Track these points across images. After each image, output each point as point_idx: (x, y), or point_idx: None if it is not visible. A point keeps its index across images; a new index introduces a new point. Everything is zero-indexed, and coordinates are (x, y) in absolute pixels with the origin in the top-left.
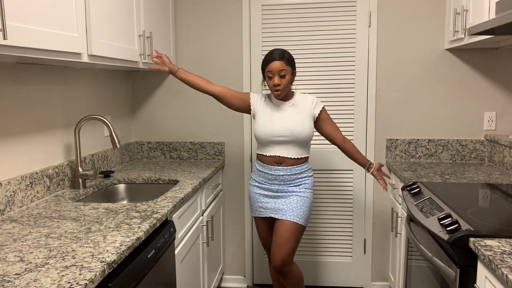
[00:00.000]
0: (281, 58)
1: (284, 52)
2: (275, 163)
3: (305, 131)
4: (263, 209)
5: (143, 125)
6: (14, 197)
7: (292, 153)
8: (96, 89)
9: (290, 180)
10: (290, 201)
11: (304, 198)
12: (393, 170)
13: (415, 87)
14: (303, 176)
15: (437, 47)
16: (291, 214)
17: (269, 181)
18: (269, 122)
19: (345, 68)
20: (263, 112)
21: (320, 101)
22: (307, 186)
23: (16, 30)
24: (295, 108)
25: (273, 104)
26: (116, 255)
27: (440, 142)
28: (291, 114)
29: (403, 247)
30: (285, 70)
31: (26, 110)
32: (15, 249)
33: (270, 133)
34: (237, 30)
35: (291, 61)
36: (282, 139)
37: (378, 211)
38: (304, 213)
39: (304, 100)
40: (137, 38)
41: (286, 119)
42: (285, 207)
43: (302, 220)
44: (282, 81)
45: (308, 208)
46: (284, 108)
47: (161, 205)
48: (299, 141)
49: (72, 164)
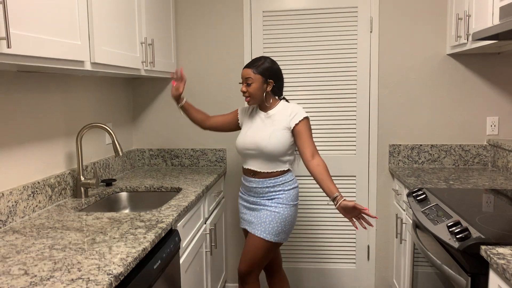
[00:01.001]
0: (250, 66)
1: (259, 60)
2: (250, 175)
3: (271, 144)
4: (242, 220)
5: (144, 132)
6: (16, 208)
7: (262, 167)
8: (97, 96)
9: (262, 192)
10: (260, 215)
11: (274, 214)
12: (396, 176)
13: (417, 92)
14: (277, 190)
15: (439, 52)
16: (259, 229)
17: (247, 192)
18: (244, 135)
19: (346, 74)
20: (245, 124)
21: (302, 111)
22: (281, 201)
23: (19, 38)
24: (270, 119)
25: (254, 115)
26: (122, 267)
27: (443, 147)
28: (263, 126)
29: (409, 254)
30: (251, 78)
31: (27, 118)
32: (19, 262)
33: (242, 146)
34: (238, 36)
35: (264, 70)
36: (250, 152)
37: (382, 217)
38: (274, 229)
39: (284, 111)
40: (139, 45)
41: (258, 131)
42: (255, 221)
43: (270, 236)
44: (248, 88)
45: (279, 224)
46: (260, 119)
47: (166, 214)
48: (266, 155)
49: (73, 173)
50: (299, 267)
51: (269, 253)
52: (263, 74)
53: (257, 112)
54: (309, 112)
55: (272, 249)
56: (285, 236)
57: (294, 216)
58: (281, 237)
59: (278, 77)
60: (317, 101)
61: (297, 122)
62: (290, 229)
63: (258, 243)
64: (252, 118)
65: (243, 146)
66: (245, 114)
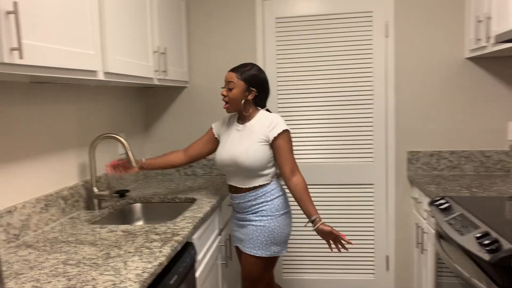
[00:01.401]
0: (235, 70)
1: (246, 66)
2: (232, 191)
3: (249, 159)
4: (234, 238)
5: (157, 142)
6: (29, 221)
7: (242, 183)
8: (109, 106)
9: (246, 207)
10: (248, 232)
11: (260, 228)
12: (416, 183)
13: (436, 97)
14: (259, 202)
15: (457, 56)
16: (248, 246)
17: (235, 209)
18: (221, 150)
19: (362, 80)
20: (222, 138)
21: (282, 123)
22: (264, 213)
23: (32, 49)
24: (247, 131)
25: (231, 127)
26: (139, 283)
27: (463, 153)
28: (240, 140)
29: (431, 264)
30: (233, 82)
31: (40, 129)
32: (32, 278)
33: (220, 162)
34: (251, 44)
35: (249, 77)
36: (230, 168)
37: (401, 227)
38: (262, 243)
39: (263, 121)
40: (151, 54)
41: (234, 146)
42: (244, 238)
43: (260, 251)
44: (228, 93)
45: (267, 236)
46: (238, 131)
47: (181, 226)
48: (245, 171)
49: (87, 185)
50: (314, 278)
51: (265, 268)
52: (246, 80)
53: (233, 123)
54: (324, 120)
55: (267, 263)
56: (278, 248)
57: (285, 225)
58: (273, 250)
59: (262, 87)
60: (332, 108)
61: (276, 135)
62: (284, 239)
63: (251, 260)
64: (229, 131)
65: (221, 162)
66: (222, 127)
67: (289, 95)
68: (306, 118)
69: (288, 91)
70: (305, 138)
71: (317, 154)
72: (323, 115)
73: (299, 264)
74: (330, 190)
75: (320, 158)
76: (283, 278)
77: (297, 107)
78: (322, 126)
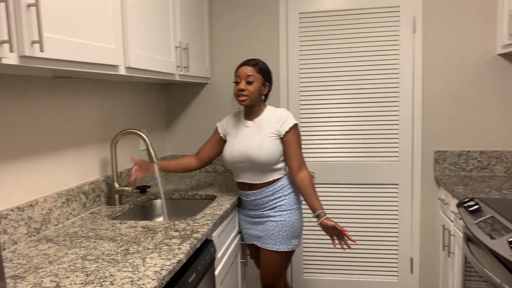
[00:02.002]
0: (249, 64)
1: (259, 61)
2: (245, 188)
3: (262, 155)
4: (247, 236)
5: (178, 138)
6: (50, 215)
7: (256, 179)
8: (131, 102)
9: (263, 203)
10: (267, 228)
11: (281, 223)
12: (442, 184)
13: (465, 95)
14: (277, 196)
15: (488, 52)
16: (269, 242)
17: (248, 207)
18: (231, 147)
19: (388, 77)
20: (230, 136)
21: (292, 118)
22: (284, 208)
23: (52, 42)
24: (259, 127)
25: (239, 124)
26: (157, 281)
27: (493, 154)
28: (251, 135)
29: (458, 268)
30: (253, 76)
31: (62, 124)
32: (51, 273)
33: (231, 159)
34: (273, 40)
35: (264, 71)
36: (242, 165)
37: (426, 228)
38: (284, 238)
39: (272, 116)
40: (173, 50)
41: (246, 142)
42: (263, 234)
43: (282, 246)
44: (249, 87)
45: (288, 231)
46: (247, 128)
47: (201, 223)
48: (259, 166)
49: (108, 180)
50: (335, 279)
51: (287, 262)
52: (263, 75)
53: (241, 121)
54: (348, 118)
55: (288, 257)
56: (297, 241)
57: (301, 219)
58: (293, 244)
59: (271, 81)
60: (356, 106)
61: (287, 129)
62: (300, 232)
63: (273, 256)
64: (237, 128)
65: (232, 158)
66: (227, 125)
67: (312, 92)
68: (330, 116)
69: (311, 88)
70: (328, 137)
71: (340, 153)
72: (347, 112)
73: (321, 264)
74: (354, 189)
75: (344, 157)
76: (304, 278)
77: (321, 104)
78: (346, 124)
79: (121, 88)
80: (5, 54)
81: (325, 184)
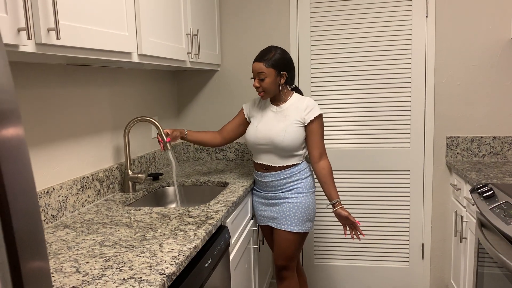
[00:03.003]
0: (260, 59)
1: (269, 52)
2: (263, 169)
3: (286, 140)
4: (262, 217)
5: (189, 126)
6: (66, 202)
7: (276, 162)
8: (142, 90)
9: (280, 185)
10: (283, 209)
11: (297, 205)
12: (455, 170)
13: (478, 80)
14: (294, 179)
15: (503, 36)
16: (285, 223)
17: (263, 188)
18: (255, 129)
19: (400, 62)
20: (255, 118)
21: (318, 108)
22: (300, 190)
23: (68, 29)
24: (284, 113)
25: (265, 108)
26: (175, 266)
27: (507, 139)
28: (276, 120)
29: (471, 254)
30: (264, 73)
31: (76, 112)
32: (71, 259)
33: (254, 140)
34: (284, 25)
35: (276, 62)
36: (264, 147)
37: (438, 214)
38: (299, 220)
39: (298, 104)
40: (184, 37)
41: (270, 126)
42: (279, 216)
43: (297, 227)
44: (262, 83)
45: (303, 213)
46: (273, 112)
47: (215, 210)
48: (281, 150)
49: (121, 167)
50: (346, 264)
51: (301, 244)
52: (275, 67)
53: (267, 105)
54: (359, 103)
55: (302, 239)
56: (310, 224)
57: (315, 203)
58: (307, 226)
59: (290, 67)
60: (368, 91)
61: (312, 118)
62: (313, 216)
63: (288, 237)
64: (262, 111)
65: (255, 140)
66: (253, 107)
67: (324, 77)
68: (341, 102)
69: (322, 74)
70: (339, 123)
71: (352, 139)
72: (359, 98)
73: (332, 250)
74: (365, 176)
75: (355, 143)
76: (314, 264)
77: (332, 90)
78: (357, 110)
79: (132, 75)
80: (22, 42)
81: (336, 170)
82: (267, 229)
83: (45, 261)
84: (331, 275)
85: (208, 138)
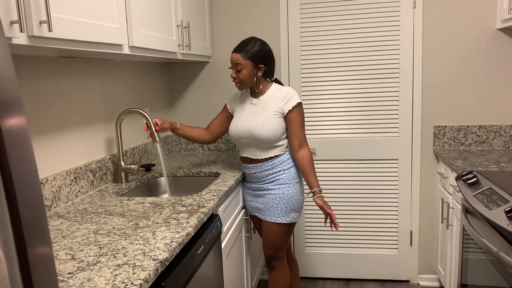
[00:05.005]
0: (239, 50)
1: (248, 43)
2: (247, 162)
3: (265, 132)
4: (250, 208)
5: (181, 117)
6: (60, 193)
7: (258, 154)
8: (134, 81)
9: (263, 177)
10: (267, 200)
11: (279, 196)
12: (442, 158)
13: (465, 70)
14: (276, 171)
15: (488, 27)
16: (269, 214)
17: (249, 180)
18: (236, 124)
19: (388, 53)
20: (236, 112)
21: (296, 97)
22: (282, 181)
23: (60, 22)
24: (262, 105)
25: (245, 101)
26: (168, 252)
27: (492, 128)
28: (255, 113)
29: (456, 240)
30: (241, 64)
31: (68, 104)
32: (66, 247)
33: (236, 135)
34: (274, 16)
35: (253, 54)
36: (245, 141)
37: (426, 202)
38: (282, 211)
39: (276, 94)
40: (175, 28)
41: (250, 119)
42: (263, 207)
43: (281, 218)
44: (238, 75)
45: (286, 204)
46: (252, 105)
47: (207, 199)
48: (261, 143)
49: (114, 158)
50: (336, 252)
51: (287, 234)
52: (253, 59)
53: (247, 97)
54: (348, 94)
55: (289, 229)
56: (296, 214)
57: (301, 193)
58: (292, 217)
59: (269, 60)
60: (357, 82)
61: (291, 108)
62: (300, 206)
63: (273, 228)
64: (243, 105)
65: (237, 135)
66: (235, 101)
67: (313, 68)
68: (330, 93)
69: (311, 65)
70: (329, 113)
71: (341, 129)
72: (348, 89)
73: (322, 238)
74: (354, 165)
75: (344, 133)
76: (306, 252)
77: (322, 81)
78: (347, 100)
79: (123, 67)
80: (15, 35)
81: (325, 160)
82: (256, 219)
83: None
84: (322, 262)
85: (197, 134)
